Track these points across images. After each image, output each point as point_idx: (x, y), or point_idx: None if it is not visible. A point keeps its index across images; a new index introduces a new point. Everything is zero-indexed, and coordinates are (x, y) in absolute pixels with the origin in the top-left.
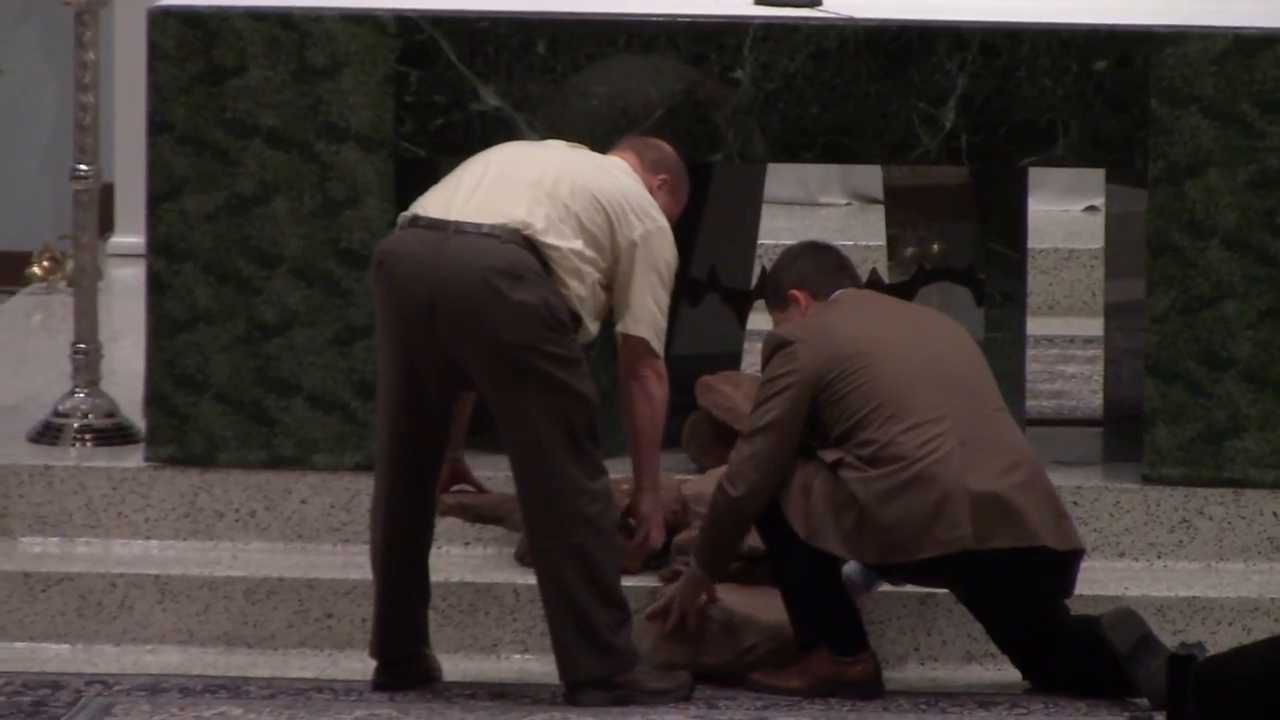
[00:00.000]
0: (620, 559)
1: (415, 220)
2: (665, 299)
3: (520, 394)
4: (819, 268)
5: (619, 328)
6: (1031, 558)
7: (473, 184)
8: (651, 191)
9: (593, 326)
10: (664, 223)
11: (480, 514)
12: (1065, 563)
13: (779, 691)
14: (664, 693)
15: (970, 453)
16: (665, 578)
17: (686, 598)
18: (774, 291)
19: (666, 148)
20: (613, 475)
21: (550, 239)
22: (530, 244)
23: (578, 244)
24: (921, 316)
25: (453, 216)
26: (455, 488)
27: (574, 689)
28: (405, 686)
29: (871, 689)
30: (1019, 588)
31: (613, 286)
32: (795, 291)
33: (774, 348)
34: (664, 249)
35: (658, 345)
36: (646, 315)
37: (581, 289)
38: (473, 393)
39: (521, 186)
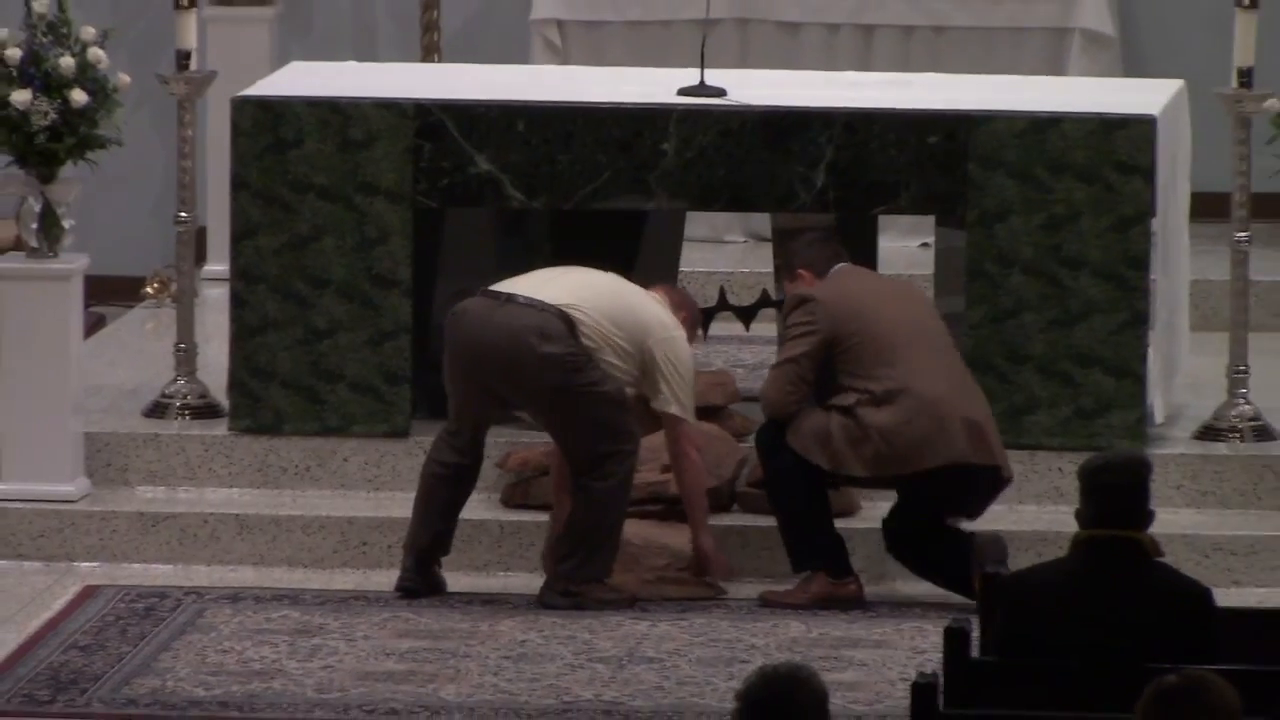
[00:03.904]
0: (626, 505)
1: (484, 291)
2: (687, 383)
3: (558, 415)
4: (821, 255)
5: (653, 405)
6: (989, 474)
7: (535, 276)
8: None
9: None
10: (681, 334)
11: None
12: (1000, 484)
13: (785, 606)
14: (609, 602)
15: (954, 391)
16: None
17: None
18: (787, 267)
19: (688, 295)
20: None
21: (578, 312)
22: (562, 315)
23: (605, 324)
24: (900, 286)
25: (509, 291)
26: None
27: (547, 589)
28: (420, 593)
29: (859, 604)
30: (963, 495)
31: (643, 377)
32: (802, 271)
33: (797, 303)
34: (680, 349)
35: (686, 414)
36: (671, 396)
37: (600, 354)
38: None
39: (571, 284)
